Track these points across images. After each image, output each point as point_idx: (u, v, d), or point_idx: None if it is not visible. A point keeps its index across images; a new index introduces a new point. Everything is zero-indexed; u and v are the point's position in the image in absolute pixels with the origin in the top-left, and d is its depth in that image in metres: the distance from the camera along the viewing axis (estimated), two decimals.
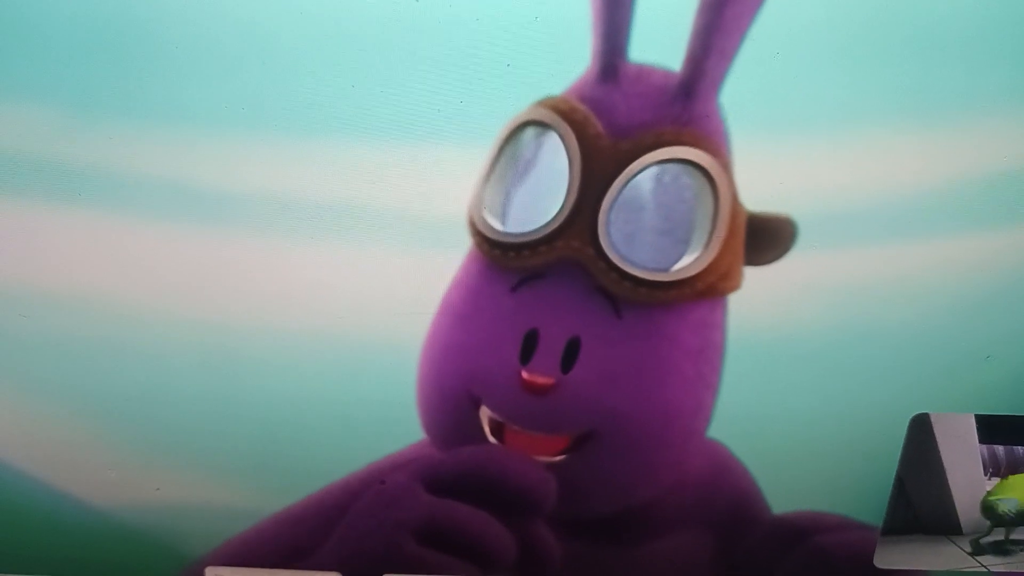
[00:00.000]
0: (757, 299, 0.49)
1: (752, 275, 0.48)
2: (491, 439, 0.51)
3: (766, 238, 0.48)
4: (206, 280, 0.49)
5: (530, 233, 0.47)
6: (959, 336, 0.50)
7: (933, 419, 0.52)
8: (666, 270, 0.47)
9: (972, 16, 0.44)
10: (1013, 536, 0.56)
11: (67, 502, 0.55)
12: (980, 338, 0.50)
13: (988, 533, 0.56)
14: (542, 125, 0.46)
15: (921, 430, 0.52)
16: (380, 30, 0.44)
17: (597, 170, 0.46)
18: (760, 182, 0.46)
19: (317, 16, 0.44)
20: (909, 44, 0.44)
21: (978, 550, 0.56)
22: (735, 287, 0.48)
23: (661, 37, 0.44)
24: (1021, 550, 0.56)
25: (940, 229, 0.48)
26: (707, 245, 0.47)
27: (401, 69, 0.44)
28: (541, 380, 0.49)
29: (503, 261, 0.48)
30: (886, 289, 0.49)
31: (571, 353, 0.49)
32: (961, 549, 0.56)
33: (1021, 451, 0.56)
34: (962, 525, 0.56)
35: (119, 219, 0.48)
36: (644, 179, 0.46)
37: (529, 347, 0.49)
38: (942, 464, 0.54)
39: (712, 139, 0.45)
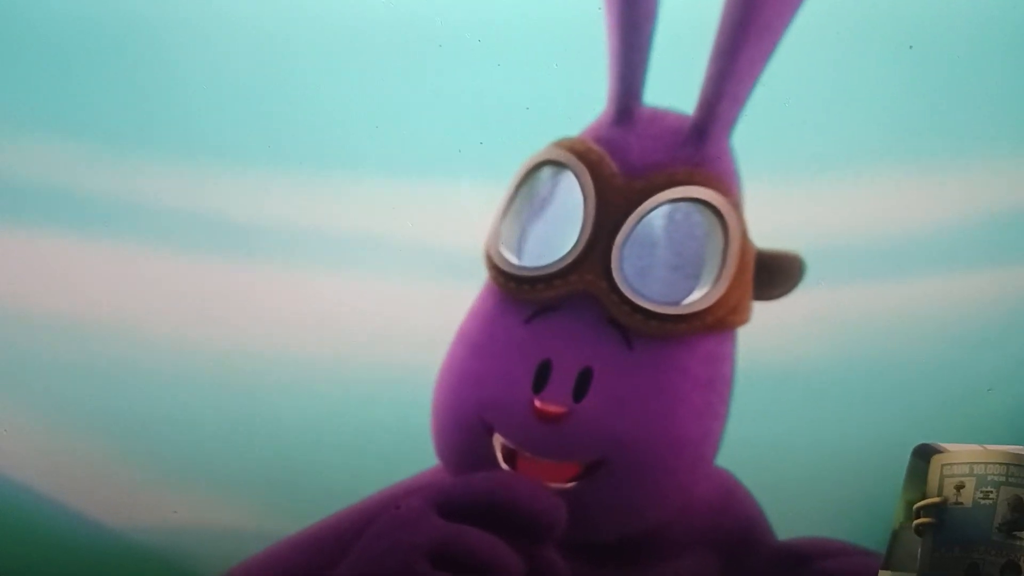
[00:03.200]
0: (765, 332, 0.49)
1: (761, 309, 0.49)
2: (504, 466, 0.52)
3: (775, 274, 0.48)
4: (225, 307, 0.50)
5: (545, 267, 0.48)
6: (962, 369, 0.51)
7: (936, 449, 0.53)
8: (677, 304, 0.48)
9: (981, 60, 0.45)
10: None
11: (83, 523, 0.55)
12: (983, 371, 0.51)
13: None
14: (558, 164, 0.47)
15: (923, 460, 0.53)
16: (404, 71, 0.45)
17: (611, 207, 0.47)
18: (769, 220, 0.47)
19: (341, 57, 0.45)
20: (916, 87, 0.45)
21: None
22: (744, 321, 0.49)
23: (675, 82, 0.45)
24: None
25: (944, 265, 0.49)
26: (717, 280, 0.48)
27: (423, 109, 0.45)
28: (553, 409, 0.50)
29: (518, 294, 0.49)
30: (891, 323, 0.50)
31: (583, 383, 0.50)
32: None
33: None
34: None
35: (141, 248, 0.49)
36: (657, 216, 0.47)
37: (542, 377, 0.50)
38: None
39: (723, 179, 0.46)
